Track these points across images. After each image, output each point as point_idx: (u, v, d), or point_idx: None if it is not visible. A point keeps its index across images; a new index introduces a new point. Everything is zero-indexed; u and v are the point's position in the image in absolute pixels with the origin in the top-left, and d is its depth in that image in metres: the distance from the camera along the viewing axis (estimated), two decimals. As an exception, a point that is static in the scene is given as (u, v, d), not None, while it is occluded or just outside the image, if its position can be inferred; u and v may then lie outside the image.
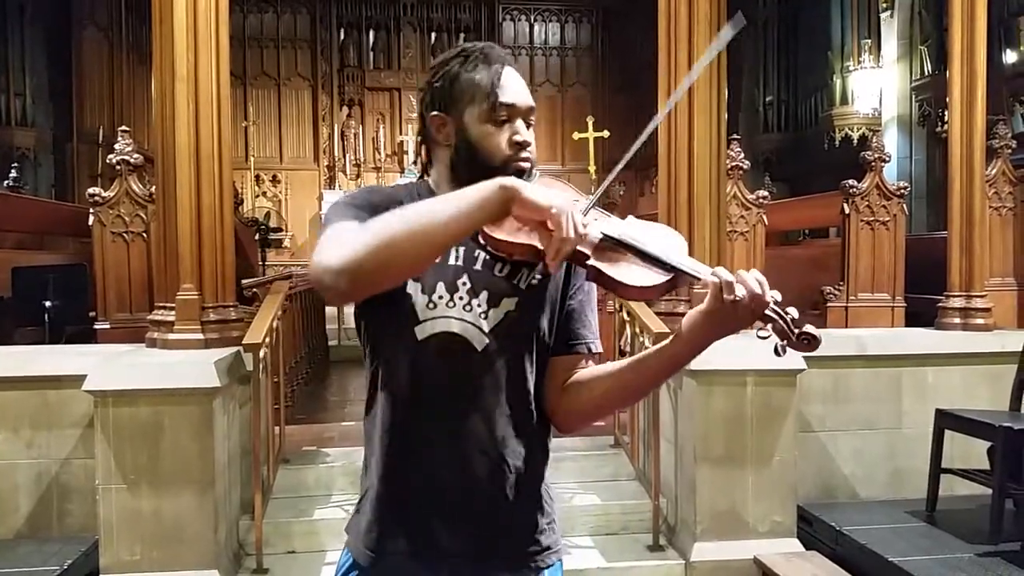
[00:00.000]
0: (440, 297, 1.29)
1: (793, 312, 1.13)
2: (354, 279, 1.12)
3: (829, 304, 5.19)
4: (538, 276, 1.32)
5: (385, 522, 1.32)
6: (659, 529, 3.81)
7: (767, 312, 1.12)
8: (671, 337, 1.24)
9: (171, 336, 3.58)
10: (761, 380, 3.69)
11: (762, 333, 1.15)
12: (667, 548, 3.80)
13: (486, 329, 1.29)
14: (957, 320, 4.43)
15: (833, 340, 4.39)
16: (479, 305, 1.29)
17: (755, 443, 3.69)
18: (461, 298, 1.29)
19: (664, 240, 1.22)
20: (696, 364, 3.63)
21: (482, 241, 1.21)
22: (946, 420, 3.84)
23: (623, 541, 3.87)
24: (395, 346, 1.30)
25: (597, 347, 1.38)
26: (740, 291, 1.11)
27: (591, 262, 1.19)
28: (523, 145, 1.30)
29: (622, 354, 4.49)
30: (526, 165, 1.30)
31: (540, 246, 1.16)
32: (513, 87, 1.31)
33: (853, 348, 4.25)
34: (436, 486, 1.29)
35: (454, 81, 1.32)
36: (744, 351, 3.76)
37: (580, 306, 1.37)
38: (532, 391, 1.33)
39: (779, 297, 1.13)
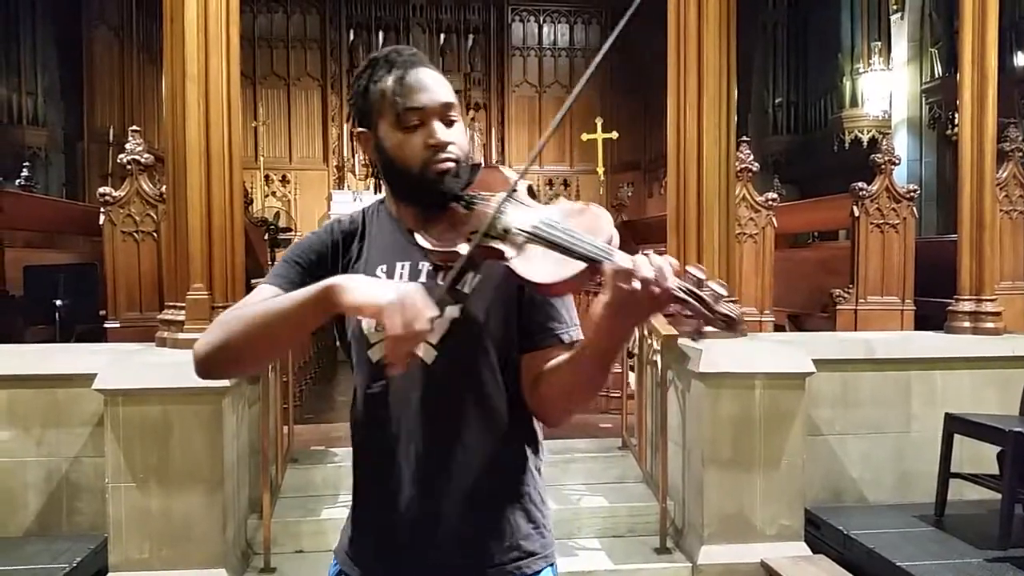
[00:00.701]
0: None
1: (717, 288, 1.03)
2: (205, 370, 1.27)
3: (838, 307, 5.17)
4: (479, 276, 1.25)
5: (361, 541, 1.34)
6: (666, 532, 3.81)
7: (678, 295, 1.02)
8: (589, 330, 1.16)
9: (181, 335, 3.59)
10: (769, 383, 3.68)
11: (680, 323, 1.05)
12: (674, 551, 3.79)
13: (433, 341, 1.24)
14: (967, 324, 4.42)
15: (842, 343, 4.38)
16: None
17: (763, 446, 3.68)
18: None
19: (586, 223, 1.13)
20: (704, 367, 3.67)
21: (421, 254, 1.21)
22: (955, 424, 3.82)
23: (630, 543, 3.87)
24: (359, 371, 1.32)
25: (571, 335, 1.29)
26: (636, 283, 1.02)
27: (504, 262, 1.14)
28: (438, 146, 1.25)
29: (630, 356, 4.49)
30: (446, 166, 1.25)
31: (461, 251, 1.14)
32: (421, 88, 1.26)
33: (862, 351, 4.24)
34: (403, 507, 1.28)
35: (364, 95, 1.30)
36: (753, 355, 3.77)
37: (541, 297, 1.28)
38: (496, 395, 1.28)
39: (701, 275, 1.03)
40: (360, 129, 1.32)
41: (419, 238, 1.22)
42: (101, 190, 4.57)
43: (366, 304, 1.10)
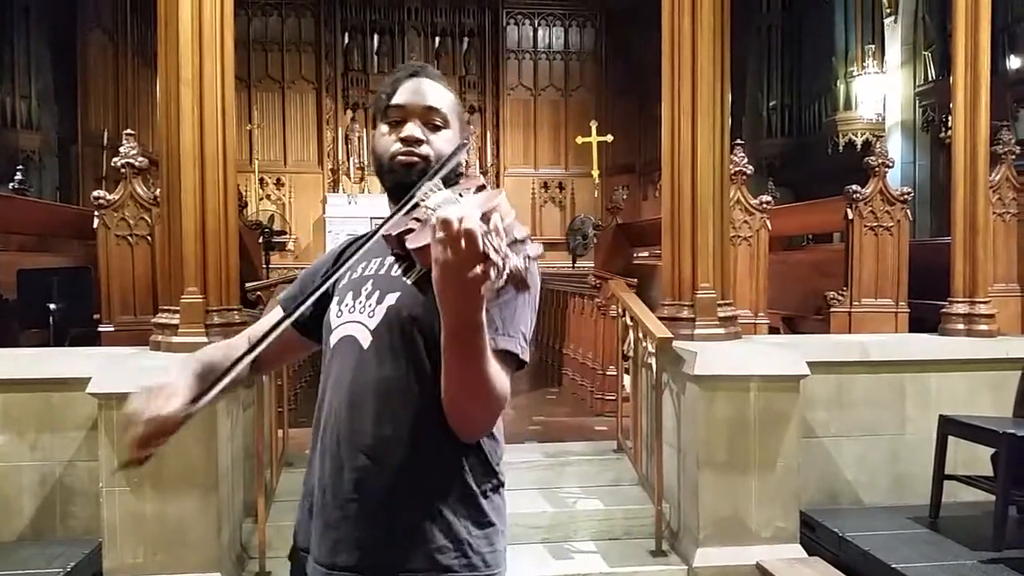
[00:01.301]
0: (346, 305, 1.36)
1: (518, 232, 1.00)
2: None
3: (833, 309, 5.18)
4: (423, 270, 1.22)
5: (297, 521, 1.41)
6: (662, 534, 3.81)
7: (485, 250, 0.97)
8: None
9: (175, 339, 3.58)
10: (764, 386, 3.69)
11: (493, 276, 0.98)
12: (670, 553, 3.79)
13: (371, 327, 1.30)
14: (961, 326, 4.43)
15: (836, 345, 4.39)
16: (369, 305, 1.32)
17: (758, 448, 3.69)
18: (360, 302, 1.34)
19: (476, 201, 1.10)
20: (699, 369, 3.67)
21: (408, 250, 1.19)
22: (949, 426, 3.83)
23: (626, 546, 3.87)
24: (324, 356, 1.40)
25: (496, 343, 1.18)
26: (439, 232, 0.98)
27: (402, 238, 1.19)
28: (407, 140, 1.35)
29: (625, 358, 4.49)
30: (409, 159, 1.34)
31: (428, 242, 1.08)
32: (409, 89, 1.39)
33: (856, 354, 4.25)
34: (324, 489, 1.31)
35: (377, 99, 1.44)
36: (748, 357, 3.77)
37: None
38: (421, 393, 1.25)
39: (519, 234, 1.00)
40: (374, 130, 1.44)
41: (384, 228, 1.26)
42: (95, 193, 4.57)
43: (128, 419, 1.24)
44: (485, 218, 1.00)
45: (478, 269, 0.97)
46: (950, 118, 4.79)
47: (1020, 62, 8.20)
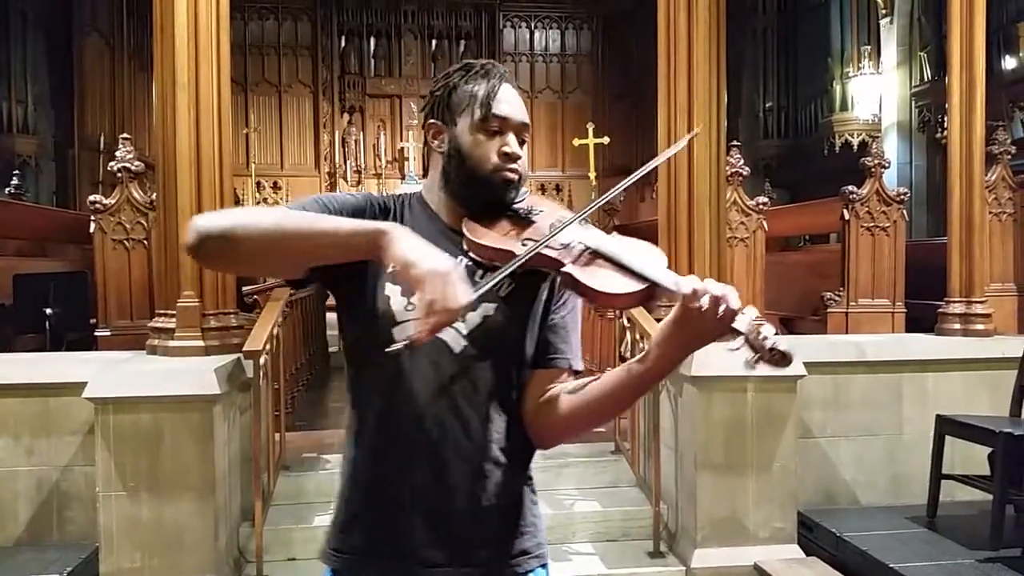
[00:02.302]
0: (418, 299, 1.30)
1: (767, 329, 1.10)
2: (204, 245, 1.18)
3: (829, 310, 5.19)
4: (514, 285, 1.30)
5: (354, 524, 1.35)
6: (660, 535, 3.81)
7: (735, 326, 1.11)
8: (640, 355, 1.24)
9: (172, 343, 3.58)
10: (761, 387, 3.69)
11: (732, 345, 1.13)
12: (668, 554, 3.79)
13: (464, 332, 1.28)
14: (957, 326, 4.44)
15: (833, 346, 4.39)
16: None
17: (756, 449, 3.69)
18: None
19: (642, 253, 1.22)
20: (696, 371, 3.67)
21: (465, 247, 1.26)
22: (946, 426, 3.84)
23: (624, 547, 3.87)
24: (375, 349, 1.27)
25: (576, 364, 1.37)
26: (704, 301, 1.10)
27: (565, 268, 1.21)
28: (511, 157, 1.33)
29: (622, 359, 4.49)
30: (512, 176, 1.33)
31: (517, 252, 1.20)
32: (508, 101, 1.35)
33: (853, 354, 4.25)
34: (410, 489, 1.29)
35: (453, 91, 1.36)
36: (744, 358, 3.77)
37: (563, 322, 1.37)
38: (508, 398, 1.33)
39: (754, 313, 1.12)
40: (434, 121, 1.38)
41: (468, 232, 1.28)
42: (91, 198, 4.57)
43: (415, 262, 1.10)
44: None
45: (739, 340, 1.12)
46: (946, 118, 4.79)
47: (1015, 62, 8.22)
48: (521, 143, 1.35)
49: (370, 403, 1.32)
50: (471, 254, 1.28)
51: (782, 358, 1.10)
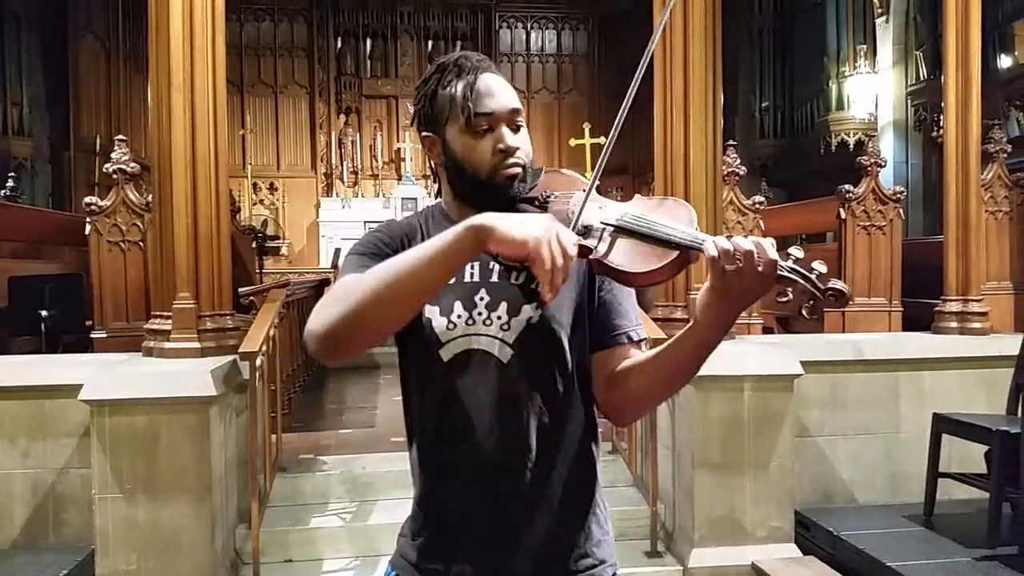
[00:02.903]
0: (459, 316, 1.26)
1: (818, 267, 1.03)
2: (333, 347, 1.15)
3: (826, 309, 5.19)
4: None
5: (425, 543, 1.31)
6: (657, 535, 3.81)
7: (782, 274, 1.03)
8: (688, 327, 1.17)
9: (168, 345, 3.57)
10: (758, 386, 3.69)
11: (781, 298, 1.05)
12: (665, 554, 3.79)
13: (510, 340, 1.25)
14: (954, 324, 4.44)
15: (830, 345, 4.39)
16: (499, 317, 1.26)
17: (753, 448, 3.69)
18: (480, 313, 1.26)
19: (669, 214, 1.15)
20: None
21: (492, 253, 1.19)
22: (943, 424, 3.84)
23: (621, 547, 3.82)
24: (425, 372, 1.28)
25: (639, 333, 1.31)
26: (739, 260, 1.03)
27: (593, 257, 1.16)
28: (508, 151, 1.27)
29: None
30: (515, 171, 1.28)
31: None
32: (489, 94, 1.29)
33: (850, 353, 4.25)
34: (474, 508, 1.25)
35: (432, 100, 1.32)
36: (742, 357, 3.77)
37: (612, 296, 1.32)
38: (571, 396, 1.28)
39: (799, 254, 1.04)
40: (426, 133, 1.34)
41: None
42: (87, 200, 4.55)
43: (522, 238, 1.06)
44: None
45: (789, 292, 1.04)
46: (942, 117, 4.79)
47: (1011, 61, 8.23)
48: (516, 128, 1.30)
49: (428, 428, 1.30)
50: (500, 259, 1.22)
51: (839, 296, 1.03)
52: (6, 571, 3.33)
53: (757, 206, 5.21)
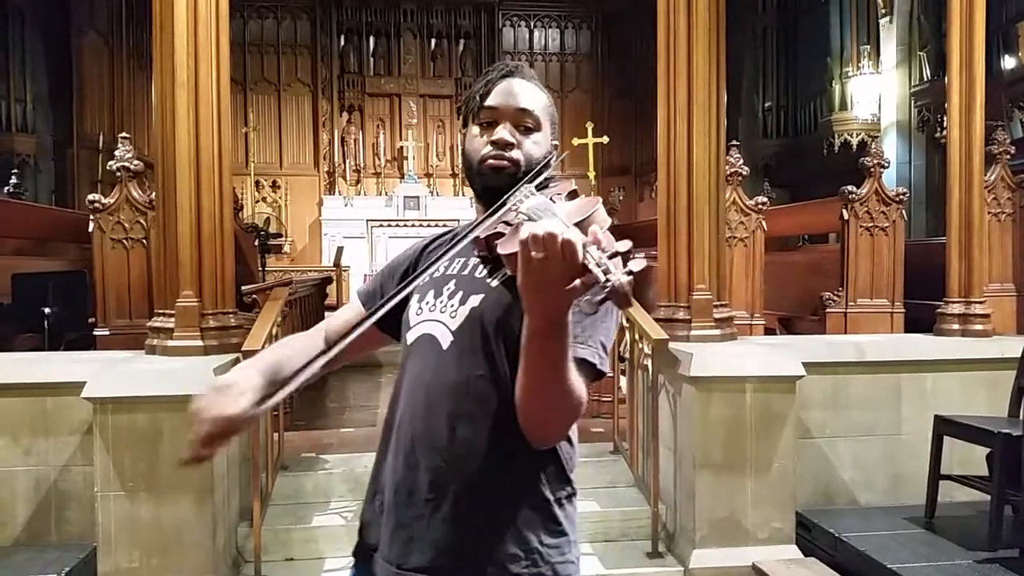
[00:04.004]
0: (427, 303, 1.34)
1: (620, 246, 0.95)
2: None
3: (828, 310, 5.19)
4: (507, 275, 1.20)
5: (365, 519, 1.38)
6: (658, 536, 3.81)
7: (584, 261, 0.95)
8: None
9: (171, 343, 3.58)
10: (760, 386, 3.69)
11: (595, 295, 0.96)
12: (666, 555, 3.79)
13: (452, 327, 1.28)
14: (956, 326, 4.44)
15: (832, 346, 4.39)
16: (452, 305, 1.30)
17: (754, 449, 3.69)
18: (442, 301, 1.32)
19: (572, 207, 1.13)
20: (695, 371, 3.67)
21: (497, 254, 1.15)
22: (945, 426, 3.84)
23: (622, 548, 3.86)
24: (401, 353, 1.37)
25: (576, 352, 1.16)
26: (527, 240, 0.97)
27: (494, 241, 1.16)
28: (498, 144, 1.32)
29: (621, 360, 4.49)
30: (499, 163, 1.32)
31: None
32: (502, 92, 1.35)
33: (852, 354, 4.25)
34: (397, 488, 1.28)
35: (469, 99, 1.40)
36: (743, 358, 3.77)
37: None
38: (501, 396, 1.22)
39: (622, 247, 0.95)
40: (463, 129, 1.42)
41: (475, 231, 1.26)
42: (90, 197, 4.57)
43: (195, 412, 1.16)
44: (584, 228, 0.99)
45: (577, 282, 0.96)
46: (945, 118, 4.80)
47: (1015, 62, 8.22)
48: (526, 130, 1.35)
49: (389, 407, 1.37)
50: (475, 251, 1.29)
51: (618, 298, 0.93)
52: (9, 568, 3.34)
53: (760, 206, 5.22)
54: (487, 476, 1.23)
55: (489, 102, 1.35)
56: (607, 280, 0.92)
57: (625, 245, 0.96)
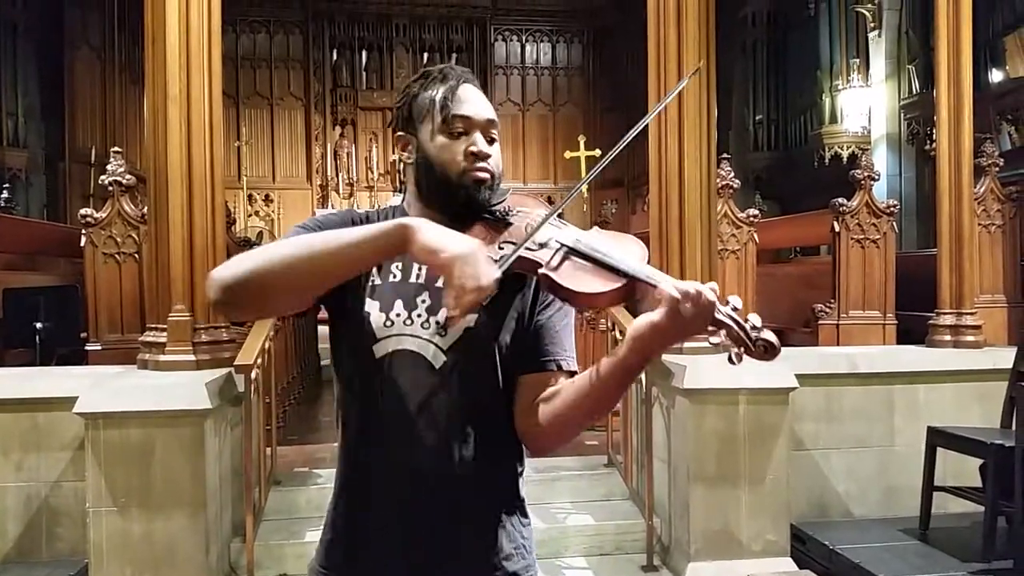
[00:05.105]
0: (398, 315, 1.28)
1: (753, 319, 1.09)
2: (231, 299, 1.16)
3: (820, 322, 5.20)
4: (497, 291, 1.20)
5: (339, 545, 1.33)
6: (653, 549, 3.80)
7: (719, 317, 1.09)
8: (620, 347, 1.18)
9: (163, 357, 3.56)
10: (753, 399, 3.69)
11: (714, 339, 1.10)
12: (661, 568, 3.79)
13: (444, 347, 1.27)
14: (948, 337, 4.45)
15: (825, 358, 4.40)
16: (437, 322, 1.27)
17: (748, 462, 3.69)
18: (419, 315, 1.28)
19: (622, 247, 1.20)
20: (688, 383, 3.67)
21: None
22: (938, 438, 3.85)
23: (617, 561, 3.85)
24: (356, 365, 1.30)
25: (569, 365, 1.31)
26: (687, 304, 1.08)
27: (542, 271, 1.17)
28: (479, 156, 1.30)
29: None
30: (483, 176, 1.30)
31: (494, 258, 1.17)
32: (469, 100, 1.33)
33: (845, 366, 4.26)
34: (390, 506, 1.27)
35: (413, 100, 1.36)
36: (736, 370, 3.77)
37: (550, 323, 1.32)
38: (496, 409, 1.29)
39: (738, 303, 1.10)
40: (401, 132, 1.37)
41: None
42: (82, 212, 4.55)
43: (440, 249, 1.09)
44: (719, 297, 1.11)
45: (723, 334, 1.10)
46: (934, 131, 4.82)
47: (1002, 75, 8.28)
48: (490, 141, 1.33)
49: (353, 421, 1.32)
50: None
51: (769, 348, 1.08)
52: (-2, 585, 3.31)
53: (751, 219, 5.23)
54: (487, 486, 1.30)
55: (462, 111, 1.31)
56: (761, 340, 1.08)
57: (739, 301, 1.11)
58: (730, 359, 1.10)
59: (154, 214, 3.66)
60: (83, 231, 4.45)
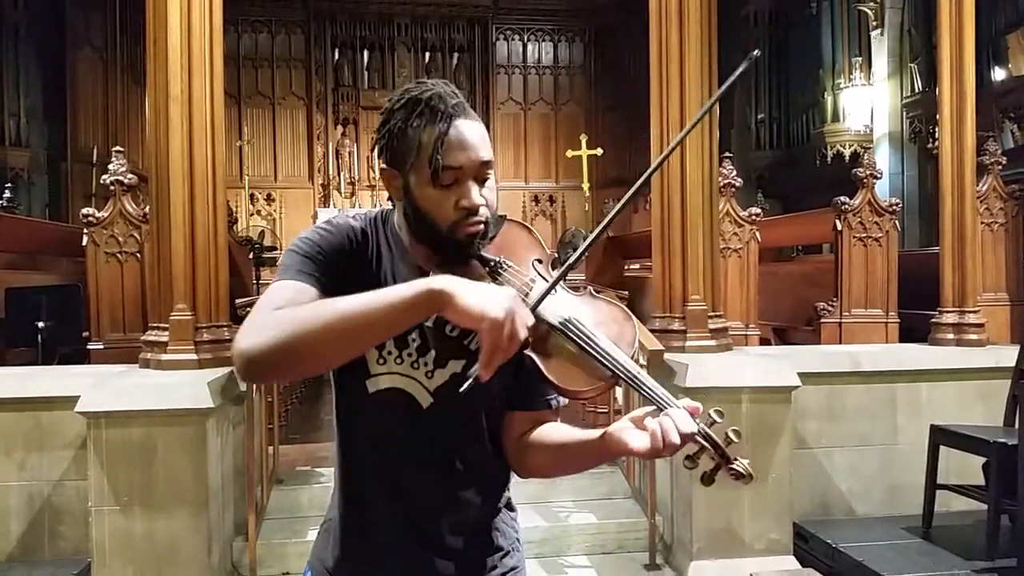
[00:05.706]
0: (389, 353, 1.27)
1: (732, 436, 1.15)
2: (260, 373, 1.15)
3: (823, 320, 5.19)
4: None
5: (342, 560, 1.36)
6: (656, 547, 3.80)
7: (699, 440, 1.14)
8: (600, 434, 1.22)
9: (165, 356, 3.57)
10: (756, 397, 3.69)
11: (688, 464, 1.16)
12: (664, 567, 3.78)
13: (431, 388, 1.28)
14: (951, 336, 4.45)
15: (827, 356, 4.40)
16: (426, 364, 1.27)
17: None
18: (410, 354, 1.27)
19: (615, 334, 1.18)
20: (691, 382, 3.66)
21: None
22: (941, 436, 3.84)
23: (620, 560, 3.85)
24: (350, 397, 1.31)
25: (559, 402, 1.35)
26: (668, 452, 1.13)
27: (528, 352, 1.16)
28: (471, 209, 1.21)
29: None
30: (476, 229, 1.22)
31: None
32: (461, 146, 1.21)
33: (847, 364, 4.26)
34: (380, 539, 1.32)
35: (400, 137, 1.24)
36: (739, 369, 3.77)
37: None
38: (480, 447, 1.34)
39: (718, 419, 1.14)
40: (386, 168, 1.27)
41: None
42: (84, 211, 4.55)
43: (478, 315, 1.05)
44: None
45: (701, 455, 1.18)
46: (937, 129, 4.82)
47: (1005, 73, 8.27)
48: (483, 182, 1.24)
49: (347, 455, 1.34)
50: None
51: (739, 476, 1.16)
52: (1, 584, 3.32)
53: (753, 217, 5.22)
54: (477, 511, 1.35)
55: (451, 162, 1.20)
56: (739, 466, 1.17)
57: (720, 417, 1.17)
58: (701, 478, 1.16)
59: (156, 213, 3.66)
60: (85, 230, 4.46)
